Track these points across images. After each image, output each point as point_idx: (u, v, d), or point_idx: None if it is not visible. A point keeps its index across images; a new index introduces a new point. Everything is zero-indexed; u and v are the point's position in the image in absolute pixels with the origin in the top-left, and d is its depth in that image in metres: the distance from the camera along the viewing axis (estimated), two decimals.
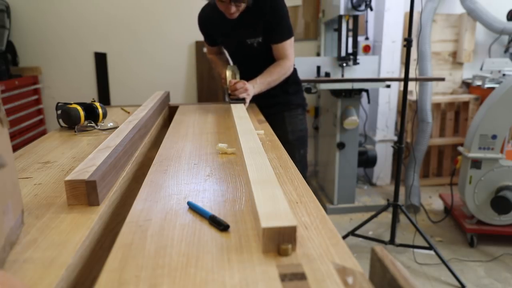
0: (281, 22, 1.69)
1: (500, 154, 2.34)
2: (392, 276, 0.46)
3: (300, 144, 1.91)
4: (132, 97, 3.23)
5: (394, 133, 3.33)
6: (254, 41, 1.74)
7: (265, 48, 1.76)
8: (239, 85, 1.62)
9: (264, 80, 1.71)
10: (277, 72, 1.74)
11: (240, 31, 1.74)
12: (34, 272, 0.54)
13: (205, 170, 0.92)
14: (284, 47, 1.73)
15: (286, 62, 1.75)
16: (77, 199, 0.74)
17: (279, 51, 1.74)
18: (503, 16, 3.24)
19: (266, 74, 1.73)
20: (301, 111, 1.93)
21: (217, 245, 0.59)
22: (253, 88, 1.67)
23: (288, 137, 1.86)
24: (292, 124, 1.88)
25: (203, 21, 1.87)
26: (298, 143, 1.90)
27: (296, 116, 1.90)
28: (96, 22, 3.14)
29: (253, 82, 1.69)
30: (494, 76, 3.05)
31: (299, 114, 1.91)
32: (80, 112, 1.34)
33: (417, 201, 2.92)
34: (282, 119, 1.88)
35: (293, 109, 1.90)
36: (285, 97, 1.89)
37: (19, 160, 1.04)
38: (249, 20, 1.69)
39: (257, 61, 1.80)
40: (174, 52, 3.23)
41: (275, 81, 1.74)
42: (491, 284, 2.10)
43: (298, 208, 0.72)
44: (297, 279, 0.51)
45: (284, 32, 1.72)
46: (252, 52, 1.78)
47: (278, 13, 1.67)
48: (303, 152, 1.93)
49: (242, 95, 1.62)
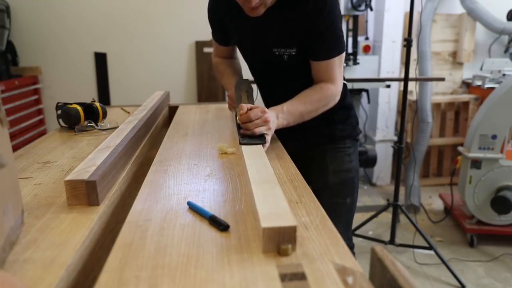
0: (329, 29, 1.12)
1: (500, 154, 2.34)
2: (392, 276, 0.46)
3: (345, 190, 1.34)
4: (132, 97, 3.23)
5: (394, 133, 3.33)
6: (285, 52, 1.19)
7: (300, 63, 1.22)
8: (255, 113, 1.03)
9: (295, 109, 1.14)
10: (317, 100, 1.17)
11: (265, 34, 1.20)
12: (34, 272, 0.54)
13: (205, 170, 0.92)
14: (330, 66, 1.17)
15: (331, 88, 1.18)
16: (77, 199, 0.74)
17: (323, 71, 1.18)
18: (503, 16, 3.24)
19: (299, 100, 1.16)
20: (350, 143, 1.36)
21: (217, 245, 0.59)
22: (277, 119, 1.10)
23: (328, 180, 1.32)
24: (335, 162, 1.33)
25: (213, 10, 1.31)
26: (343, 188, 1.34)
27: (342, 151, 1.34)
28: (96, 22, 3.14)
29: (278, 109, 1.12)
30: (494, 76, 3.05)
31: (346, 147, 1.35)
32: (80, 112, 1.34)
33: (417, 201, 2.92)
34: (322, 154, 1.34)
35: (338, 141, 1.34)
36: (327, 128, 1.33)
37: (19, 160, 1.04)
38: (280, 21, 1.15)
39: (285, 80, 1.29)
40: (174, 52, 3.23)
41: (310, 113, 1.18)
42: (491, 284, 2.10)
43: (298, 208, 0.72)
44: (297, 279, 0.51)
45: (333, 45, 1.15)
46: (280, 67, 1.25)
47: (326, 16, 1.10)
48: (349, 202, 1.35)
49: (260, 130, 1.03)
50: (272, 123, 1.07)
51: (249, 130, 1.03)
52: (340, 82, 1.21)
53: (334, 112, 1.28)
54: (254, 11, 1.07)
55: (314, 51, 1.17)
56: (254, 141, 1.00)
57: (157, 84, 3.20)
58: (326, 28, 1.12)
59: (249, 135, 1.03)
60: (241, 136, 1.03)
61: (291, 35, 1.17)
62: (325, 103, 1.19)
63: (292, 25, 1.15)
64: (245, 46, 1.32)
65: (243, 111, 1.04)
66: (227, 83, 1.39)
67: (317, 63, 1.18)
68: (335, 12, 1.12)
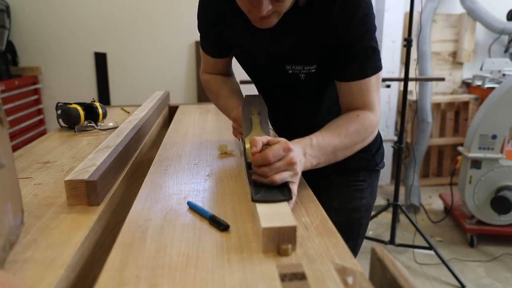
0: (363, 40, 0.87)
1: (500, 154, 2.34)
2: (392, 276, 0.46)
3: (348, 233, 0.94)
4: (132, 97, 3.23)
5: (394, 133, 3.33)
6: (302, 70, 0.93)
7: (321, 81, 0.98)
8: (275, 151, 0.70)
9: (328, 144, 0.82)
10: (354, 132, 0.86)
11: (275, 46, 0.93)
12: (34, 272, 0.54)
13: (205, 170, 0.92)
14: (366, 88, 0.89)
15: (370, 117, 0.89)
16: (77, 199, 0.74)
17: (357, 95, 0.89)
18: (503, 16, 3.24)
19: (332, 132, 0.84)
20: (365, 175, 1.09)
21: (217, 245, 0.59)
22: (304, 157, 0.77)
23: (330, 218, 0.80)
24: (341, 197, 1.08)
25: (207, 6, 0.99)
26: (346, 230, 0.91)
27: (353, 185, 1.09)
28: (96, 22, 3.14)
29: (305, 143, 0.79)
30: (494, 76, 3.05)
31: (359, 181, 1.09)
32: (80, 112, 1.34)
33: (417, 201, 2.92)
34: (327, 187, 1.07)
35: (350, 173, 1.08)
36: None
37: (19, 160, 1.04)
38: (296, 29, 0.89)
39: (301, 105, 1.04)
40: (174, 52, 3.23)
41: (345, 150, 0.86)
42: (491, 284, 2.10)
43: (298, 208, 0.72)
44: (297, 279, 0.51)
45: (368, 60, 0.88)
46: (294, 88, 0.99)
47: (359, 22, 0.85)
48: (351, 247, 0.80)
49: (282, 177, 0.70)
50: (299, 165, 0.73)
51: (266, 177, 0.70)
52: (379, 109, 0.92)
53: None
54: (263, 22, 0.79)
55: (344, 69, 0.89)
56: (274, 197, 0.66)
57: (157, 84, 3.20)
58: (359, 38, 0.86)
59: (266, 185, 0.70)
60: (254, 187, 0.70)
61: (310, 48, 0.89)
62: (363, 137, 0.89)
63: (313, 34, 0.88)
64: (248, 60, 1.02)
65: (257, 148, 0.71)
66: (227, 104, 1.06)
67: (348, 85, 0.89)
68: (370, 19, 0.86)
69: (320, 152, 0.81)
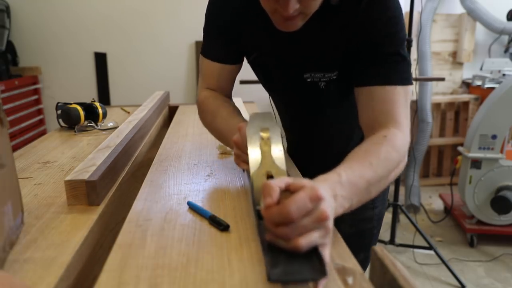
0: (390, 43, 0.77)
1: (500, 154, 2.34)
2: (392, 276, 0.46)
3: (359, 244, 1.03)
4: (132, 97, 3.23)
5: None
6: (322, 77, 0.86)
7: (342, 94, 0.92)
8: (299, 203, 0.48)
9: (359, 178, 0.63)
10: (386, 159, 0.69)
11: (294, 51, 0.86)
12: (34, 272, 0.54)
13: (205, 170, 0.92)
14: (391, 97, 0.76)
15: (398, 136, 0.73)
16: (77, 199, 0.74)
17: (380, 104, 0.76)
18: (503, 16, 3.24)
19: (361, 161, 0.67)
20: None
21: (217, 245, 0.59)
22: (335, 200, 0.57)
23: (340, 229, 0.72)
24: None
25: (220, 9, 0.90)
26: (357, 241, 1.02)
27: None
28: (96, 22, 3.14)
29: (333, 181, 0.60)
30: (494, 76, 3.05)
31: None
32: (80, 112, 1.34)
33: (417, 201, 2.92)
34: None
35: None
36: None
37: (19, 160, 1.04)
38: (316, 32, 0.81)
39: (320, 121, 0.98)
40: (174, 52, 3.23)
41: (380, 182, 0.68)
42: (491, 284, 2.10)
43: None
44: None
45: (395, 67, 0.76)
46: (313, 100, 0.93)
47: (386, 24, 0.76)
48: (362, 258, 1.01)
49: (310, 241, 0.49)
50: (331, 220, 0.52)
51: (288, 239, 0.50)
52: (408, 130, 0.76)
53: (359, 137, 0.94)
54: (288, 24, 0.72)
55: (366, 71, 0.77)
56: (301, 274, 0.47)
57: (157, 84, 3.19)
58: (386, 41, 0.76)
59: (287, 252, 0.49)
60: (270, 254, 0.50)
61: (332, 53, 0.82)
62: (397, 162, 0.72)
63: (336, 38, 0.80)
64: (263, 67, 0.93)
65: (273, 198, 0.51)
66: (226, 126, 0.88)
67: (369, 91, 0.76)
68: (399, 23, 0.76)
69: (352, 191, 0.62)
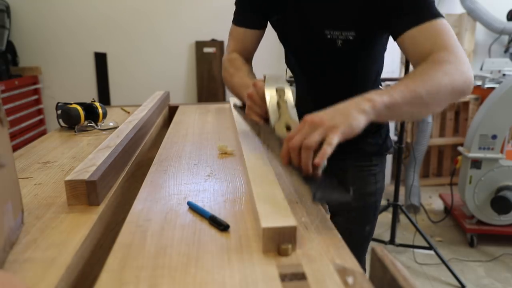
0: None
1: (500, 154, 2.34)
2: (392, 276, 0.46)
3: (365, 216, 1.15)
4: (132, 97, 3.23)
5: (394, 133, 3.33)
6: (339, 35, 0.92)
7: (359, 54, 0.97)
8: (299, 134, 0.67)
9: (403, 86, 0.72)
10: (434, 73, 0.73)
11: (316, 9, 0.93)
12: (34, 272, 0.54)
13: (205, 170, 0.92)
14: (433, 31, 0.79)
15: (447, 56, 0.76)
16: (77, 199, 0.74)
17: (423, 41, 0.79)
18: (503, 16, 3.24)
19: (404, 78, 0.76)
20: (377, 160, 1.13)
21: (217, 245, 0.59)
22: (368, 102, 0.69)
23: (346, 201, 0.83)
24: (358, 183, 1.12)
25: None
26: (363, 214, 1.14)
27: (367, 170, 1.12)
28: (96, 22, 3.14)
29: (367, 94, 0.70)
30: (494, 76, 3.05)
31: (372, 165, 1.12)
32: (80, 112, 1.34)
33: (417, 201, 2.92)
34: (343, 173, 1.11)
35: (364, 158, 1.11)
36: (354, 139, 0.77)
37: (19, 160, 1.04)
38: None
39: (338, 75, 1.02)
40: (174, 52, 3.23)
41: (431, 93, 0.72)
42: (491, 284, 2.10)
43: (298, 208, 0.72)
44: (297, 279, 0.51)
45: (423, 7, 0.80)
46: (331, 57, 0.98)
47: None
48: (368, 230, 1.16)
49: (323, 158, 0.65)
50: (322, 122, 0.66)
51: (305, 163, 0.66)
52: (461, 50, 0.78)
53: None
54: None
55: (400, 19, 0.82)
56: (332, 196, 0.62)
57: (157, 84, 3.20)
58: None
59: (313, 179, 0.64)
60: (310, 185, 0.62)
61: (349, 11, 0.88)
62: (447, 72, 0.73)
63: None
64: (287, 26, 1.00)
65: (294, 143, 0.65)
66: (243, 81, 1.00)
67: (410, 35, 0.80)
68: None
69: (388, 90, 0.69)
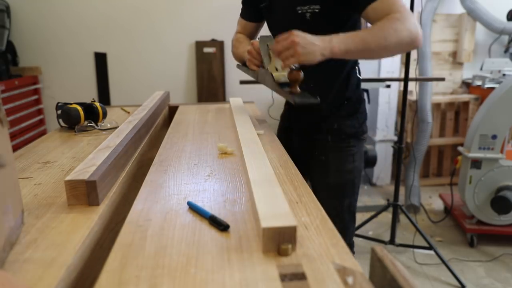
0: None
1: (500, 154, 2.34)
2: (392, 276, 0.46)
3: (344, 191, 1.31)
4: (132, 97, 3.23)
5: (394, 133, 3.33)
6: (308, 9, 1.14)
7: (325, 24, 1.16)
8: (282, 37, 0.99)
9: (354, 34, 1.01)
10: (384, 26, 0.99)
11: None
12: (34, 272, 0.54)
13: (205, 170, 0.92)
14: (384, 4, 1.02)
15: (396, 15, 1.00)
16: (77, 199, 0.74)
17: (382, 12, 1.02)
18: (503, 16, 3.24)
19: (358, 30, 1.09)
20: (355, 142, 1.30)
21: (217, 245, 0.59)
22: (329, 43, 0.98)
23: (328, 179, 1.29)
24: (337, 162, 1.29)
25: None
26: (343, 189, 1.31)
27: (346, 150, 1.29)
28: (96, 22, 3.14)
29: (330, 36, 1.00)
30: (494, 76, 3.05)
31: (350, 146, 1.29)
32: (80, 112, 1.34)
33: (417, 201, 2.92)
34: (325, 153, 1.29)
35: (344, 139, 1.29)
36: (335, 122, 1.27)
37: (19, 160, 1.04)
38: None
39: None
40: (174, 52, 3.23)
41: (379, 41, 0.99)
42: (491, 284, 2.10)
43: (298, 208, 0.72)
44: (297, 279, 0.51)
45: None
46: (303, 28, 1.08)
47: None
48: (347, 203, 1.31)
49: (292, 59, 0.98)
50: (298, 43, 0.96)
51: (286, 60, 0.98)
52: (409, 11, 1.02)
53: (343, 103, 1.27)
54: None
55: None
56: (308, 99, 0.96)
57: (157, 84, 3.20)
58: None
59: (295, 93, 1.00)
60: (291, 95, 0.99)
61: None
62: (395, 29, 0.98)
63: None
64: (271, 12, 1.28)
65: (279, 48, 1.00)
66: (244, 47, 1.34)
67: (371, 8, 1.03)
68: None
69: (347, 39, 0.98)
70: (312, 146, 1.30)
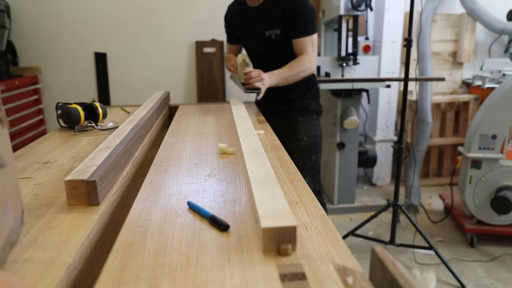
0: (301, 17, 1.67)
1: (500, 154, 2.34)
2: (392, 276, 0.46)
3: (312, 150, 1.88)
4: (132, 97, 3.23)
5: (394, 133, 3.33)
6: (273, 33, 1.71)
7: (284, 42, 1.73)
8: (254, 73, 1.59)
9: (282, 73, 1.68)
10: (296, 67, 1.69)
11: (259, 21, 1.74)
12: (34, 272, 0.54)
13: (205, 170, 0.92)
14: (305, 43, 1.70)
15: (306, 58, 1.71)
16: (77, 199, 0.74)
17: (298, 46, 1.72)
18: (503, 16, 3.24)
19: (284, 67, 1.70)
20: (316, 117, 1.90)
21: (217, 245, 0.59)
22: (269, 78, 1.63)
23: (300, 143, 1.84)
24: (305, 130, 1.85)
25: (227, 14, 1.92)
26: (311, 149, 1.87)
27: (311, 122, 1.87)
28: (96, 22, 3.13)
29: (270, 73, 1.66)
30: (494, 76, 3.05)
31: (313, 119, 1.88)
32: (80, 112, 1.34)
33: (417, 201, 2.92)
34: (296, 124, 1.85)
35: (309, 115, 1.87)
36: (301, 102, 1.86)
37: (19, 160, 1.04)
38: (268, 10, 1.71)
39: (275, 55, 1.78)
40: (174, 52, 3.23)
41: (293, 77, 1.70)
42: (491, 284, 2.10)
43: (298, 208, 0.72)
44: (297, 279, 0.51)
45: (302, 27, 1.69)
46: (270, 45, 1.75)
47: (299, 6, 1.66)
48: (315, 158, 1.89)
49: (257, 84, 1.58)
50: (266, 81, 1.62)
51: (250, 84, 1.59)
52: (313, 56, 1.73)
53: (307, 90, 1.87)
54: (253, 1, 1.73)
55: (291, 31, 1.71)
56: (254, 91, 1.60)
57: (157, 84, 3.20)
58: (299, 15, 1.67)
59: (250, 88, 1.60)
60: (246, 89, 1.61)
61: (276, 20, 1.70)
62: (302, 70, 1.72)
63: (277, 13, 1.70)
64: (246, 34, 1.86)
65: (246, 71, 1.62)
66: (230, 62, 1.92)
67: (295, 41, 1.72)
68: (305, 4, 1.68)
69: (278, 77, 1.68)
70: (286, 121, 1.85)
